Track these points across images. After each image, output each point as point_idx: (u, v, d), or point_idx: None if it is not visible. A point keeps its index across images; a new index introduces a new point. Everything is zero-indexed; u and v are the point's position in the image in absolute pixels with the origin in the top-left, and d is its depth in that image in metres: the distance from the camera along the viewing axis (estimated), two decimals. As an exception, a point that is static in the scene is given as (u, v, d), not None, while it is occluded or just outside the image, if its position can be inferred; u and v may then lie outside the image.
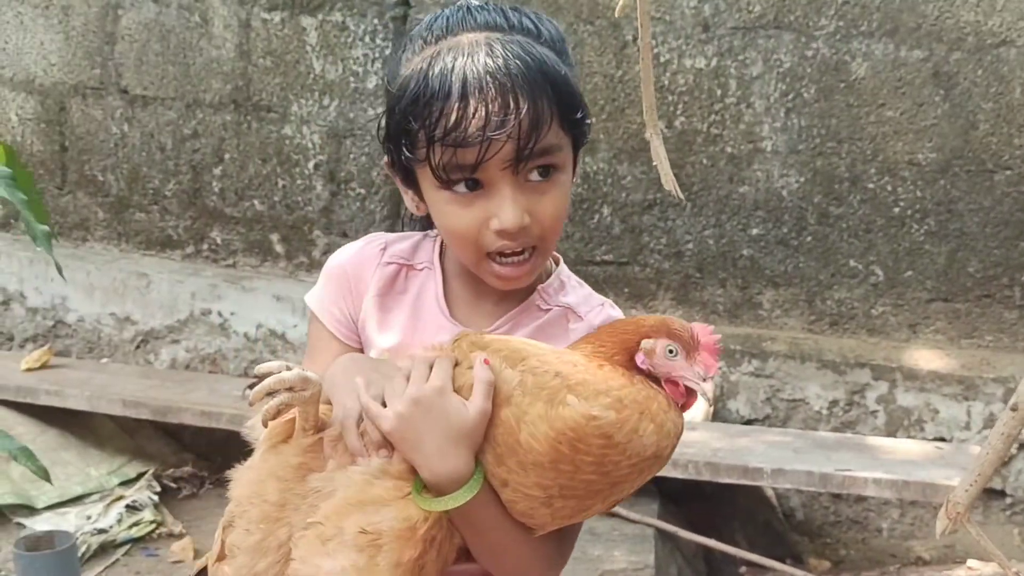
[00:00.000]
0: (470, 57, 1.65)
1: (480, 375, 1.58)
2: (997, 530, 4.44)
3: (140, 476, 4.77)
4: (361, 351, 1.86)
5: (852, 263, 4.73)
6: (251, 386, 1.68)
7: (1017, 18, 4.45)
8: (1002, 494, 4.53)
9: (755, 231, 4.76)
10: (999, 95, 4.50)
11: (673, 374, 1.60)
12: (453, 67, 1.65)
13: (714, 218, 4.78)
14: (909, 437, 4.50)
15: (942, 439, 4.49)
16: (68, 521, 4.45)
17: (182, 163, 5.29)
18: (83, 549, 4.29)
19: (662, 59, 4.73)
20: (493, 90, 1.63)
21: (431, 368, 1.61)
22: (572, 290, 1.88)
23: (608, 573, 3.87)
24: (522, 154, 1.65)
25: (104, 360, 5.22)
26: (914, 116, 4.58)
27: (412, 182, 1.78)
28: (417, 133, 1.68)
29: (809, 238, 4.73)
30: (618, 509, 3.79)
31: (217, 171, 5.26)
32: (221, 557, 1.70)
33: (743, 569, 4.20)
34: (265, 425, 1.63)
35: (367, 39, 4.98)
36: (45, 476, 2.80)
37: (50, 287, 5.26)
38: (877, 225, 4.68)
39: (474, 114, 1.63)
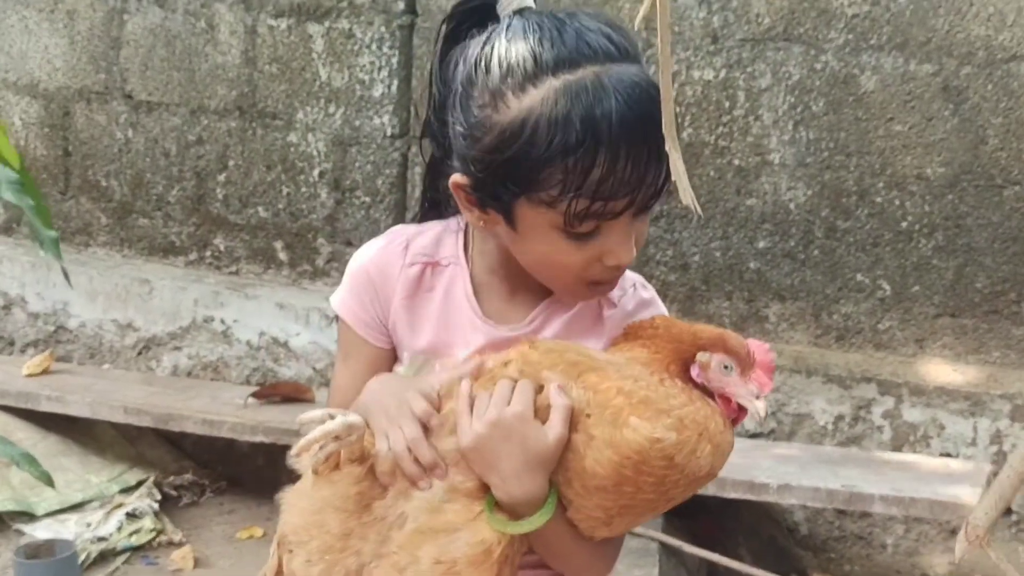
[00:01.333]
0: (609, 99, 1.59)
1: (558, 402, 1.59)
2: (1003, 547, 4.41)
3: (140, 484, 4.75)
4: (394, 352, 1.87)
5: (859, 277, 4.69)
6: (297, 431, 1.68)
7: (1028, 33, 4.43)
8: (1008, 511, 4.50)
9: (762, 244, 4.73)
10: (1009, 110, 4.48)
11: (727, 390, 1.62)
12: (596, 113, 1.59)
13: (721, 230, 4.75)
14: (915, 453, 4.45)
15: (948, 455, 4.45)
16: (68, 528, 4.44)
17: (186, 169, 5.27)
18: (83, 557, 4.27)
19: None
20: (638, 138, 1.60)
21: (512, 390, 1.62)
22: None
23: None
24: (657, 199, 1.67)
25: (106, 366, 5.20)
26: (923, 130, 4.55)
27: (494, 205, 1.71)
28: (550, 178, 1.62)
29: (816, 251, 4.70)
30: None
31: (221, 178, 5.24)
32: (279, 573, 1.73)
33: None
34: (316, 472, 1.65)
35: (374, 47, 4.96)
36: (48, 481, 2.78)
37: (52, 292, 5.23)
38: (884, 239, 4.64)
39: (625, 165, 1.60)
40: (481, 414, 1.61)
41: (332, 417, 1.63)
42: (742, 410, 1.62)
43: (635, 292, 1.85)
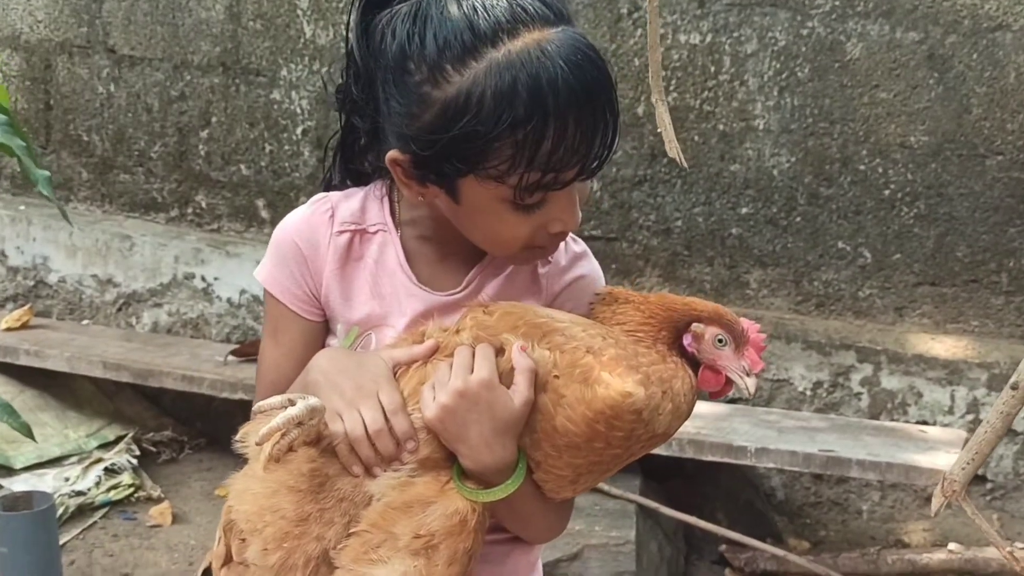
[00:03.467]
0: (555, 68, 1.52)
1: (522, 364, 1.55)
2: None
3: (119, 439, 4.74)
4: (326, 325, 1.81)
5: (840, 244, 4.71)
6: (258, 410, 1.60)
7: (1014, 2, 4.42)
8: (983, 479, 4.54)
9: (744, 210, 4.74)
10: (993, 79, 4.48)
11: (718, 362, 1.61)
12: (543, 84, 1.52)
13: (704, 196, 4.75)
14: (892, 420, 4.48)
15: (925, 423, 4.47)
16: (46, 482, 4.43)
17: (168, 125, 5.24)
18: (60, 511, 4.26)
19: (656, 34, 4.68)
20: (585, 105, 1.55)
21: (473, 356, 1.57)
22: None
23: (589, 548, 3.87)
24: (602, 164, 1.62)
25: (85, 322, 5.18)
26: (907, 98, 4.56)
27: (436, 181, 1.64)
28: (499, 153, 1.55)
29: (798, 218, 4.71)
30: (600, 484, 3.77)
31: (204, 134, 5.21)
32: (227, 560, 1.64)
33: (723, 547, 4.17)
34: (276, 460, 1.55)
35: (359, 4, 4.91)
36: (28, 433, 2.69)
37: (32, 246, 5.21)
38: (867, 207, 4.65)
39: (575, 134, 1.54)
40: (444, 384, 1.55)
41: (292, 403, 1.55)
42: (728, 384, 1.62)
43: (567, 247, 1.79)
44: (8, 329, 4.86)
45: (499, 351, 1.59)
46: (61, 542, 4.11)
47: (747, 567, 4.14)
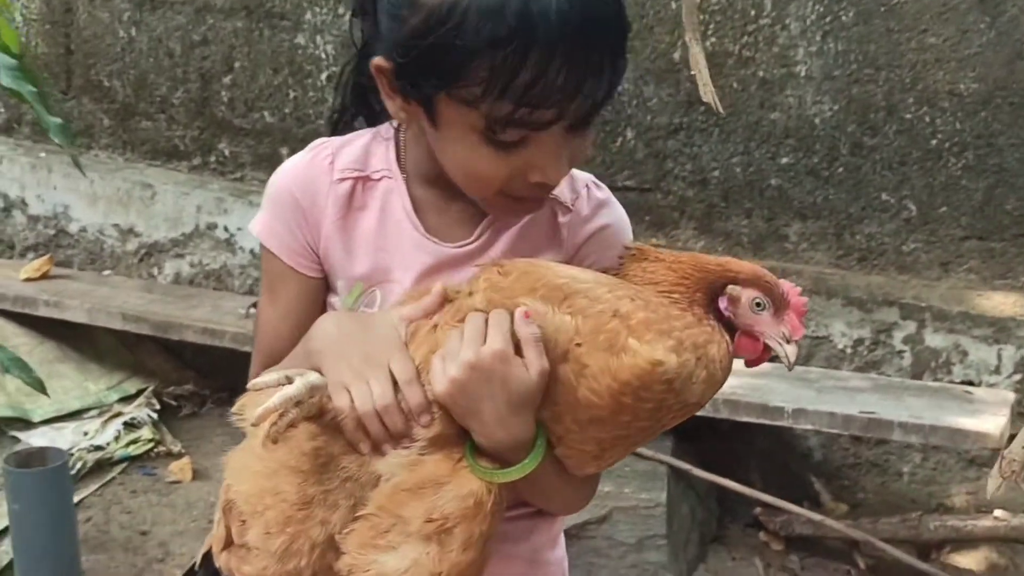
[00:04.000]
0: None
1: (526, 334, 1.41)
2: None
3: (140, 393, 4.67)
4: (326, 282, 1.68)
5: (884, 197, 4.54)
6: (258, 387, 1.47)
7: (1072, -58, 4.21)
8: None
9: (784, 160, 4.58)
10: (1048, 24, 4.28)
11: (756, 328, 1.48)
12: (533, 7, 1.37)
13: (742, 145, 4.60)
14: (936, 380, 4.33)
15: (970, 383, 4.31)
16: (64, 436, 4.36)
17: (191, 71, 5.11)
18: (79, 466, 4.19)
19: (694, -25, 4.50)
20: (578, 42, 1.39)
21: (487, 324, 1.43)
22: None
23: (618, 510, 3.77)
24: (594, 115, 1.47)
25: (106, 272, 5.10)
26: (957, 44, 4.37)
27: (416, 96, 1.51)
28: (473, 73, 1.41)
29: (840, 169, 4.54)
30: None
31: (227, 80, 5.08)
32: (228, 543, 1.54)
33: (758, 510, 4.06)
34: (275, 442, 1.44)
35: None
36: (40, 388, 2.65)
37: (52, 195, 5.12)
38: (912, 158, 4.48)
39: (559, 70, 1.39)
40: (454, 355, 1.42)
41: (290, 380, 1.43)
42: (767, 351, 1.49)
43: (589, 193, 1.67)
44: (28, 279, 4.79)
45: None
46: (78, 498, 4.05)
47: (782, 531, 4.04)
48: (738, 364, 1.50)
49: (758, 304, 1.46)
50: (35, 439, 4.30)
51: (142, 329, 4.54)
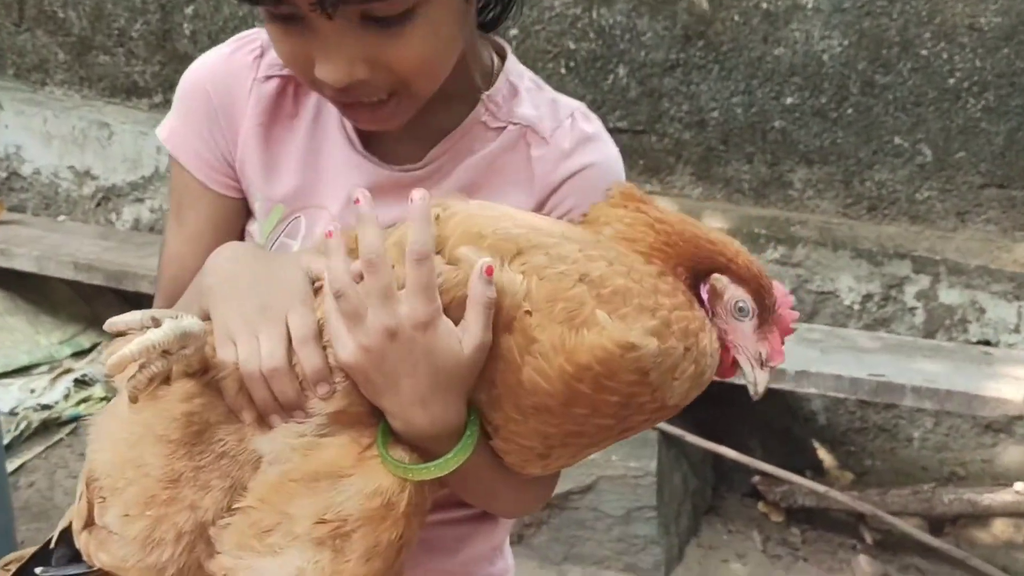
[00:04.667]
0: None
1: (478, 295, 1.14)
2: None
3: (94, 347, 4.40)
4: (245, 204, 1.43)
5: (897, 140, 4.32)
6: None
7: None
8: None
9: (789, 100, 4.36)
10: (1079, -49, 4.02)
11: (730, 336, 1.23)
12: None
13: (744, 83, 4.37)
14: (950, 339, 4.14)
15: (987, 342, 4.12)
16: (10, 394, 4.14)
17: (150, 1, 4.82)
18: (23, 426, 3.94)
19: (693, -103, 4.23)
20: None
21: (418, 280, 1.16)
22: (528, 96, 1.43)
23: (605, 479, 3.59)
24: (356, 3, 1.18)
25: (61, 218, 4.84)
26: (978, -27, 4.15)
27: None
28: None
29: (850, 110, 4.32)
30: None
31: (189, 11, 4.80)
32: (90, 522, 1.29)
33: (756, 479, 3.87)
34: (134, 401, 1.18)
35: None
36: None
37: (4, 134, 4.86)
38: (928, 98, 4.27)
39: None
40: (364, 318, 1.15)
41: (157, 322, 1.16)
42: (734, 367, 1.25)
43: (573, 124, 1.42)
44: None
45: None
46: (20, 462, 3.81)
47: (783, 502, 3.84)
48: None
49: (740, 309, 1.21)
50: None
51: (95, 279, 4.24)
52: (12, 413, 3.99)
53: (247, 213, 1.45)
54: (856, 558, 3.64)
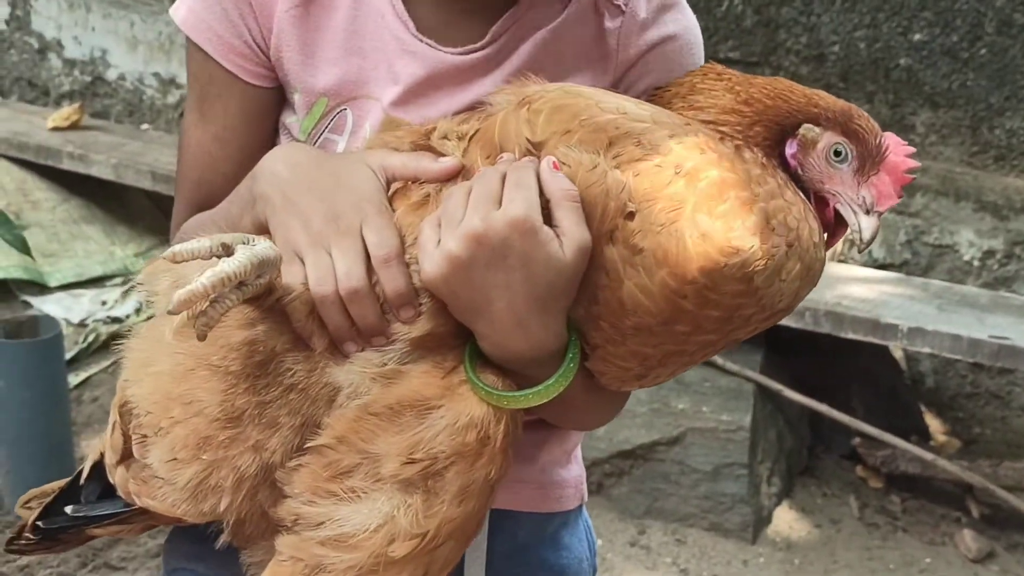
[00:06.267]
0: None
1: (557, 192, 1.05)
2: None
3: (171, 261, 4.26)
4: (281, 94, 1.29)
5: (1033, 85, 4.09)
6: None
7: None
8: None
9: (917, 36, 4.15)
10: None
11: (827, 186, 1.12)
12: None
13: (869, 16, 4.16)
14: (1079, 301, 3.92)
15: (1121, 306, 3.88)
16: (81, 304, 4.06)
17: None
18: (91, 338, 3.85)
19: None
20: None
21: (503, 180, 1.07)
22: None
23: (694, 431, 3.44)
24: None
25: (145, 126, 4.75)
26: None
27: None
28: None
29: (983, 50, 4.10)
30: (714, 357, 3.20)
31: (284, -85, 4.57)
32: (126, 455, 1.18)
33: (856, 441, 3.69)
34: (202, 339, 1.04)
35: None
36: (23, 248, 2.48)
37: (90, 37, 4.77)
38: (1071, 40, 4.03)
39: None
40: (454, 223, 1.05)
41: (228, 251, 1.03)
42: (838, 224, 1.14)
43: None
44: (55, 128, 4.43)
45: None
46: (85, 375, 3.73)
47: (884, 467, 3.67)
48: (841, 268, 1.10)
49: (837, 153, 1.11)
50: (48, 306, 3.96)
51: (171, 190, 4.08)
52: (81, 324, 3.90)
53: (281, 103, 1.31)
54: (960, 532, 3.45)
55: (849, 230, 1.13)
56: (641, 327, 1.06)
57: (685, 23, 1.30)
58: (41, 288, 4.03)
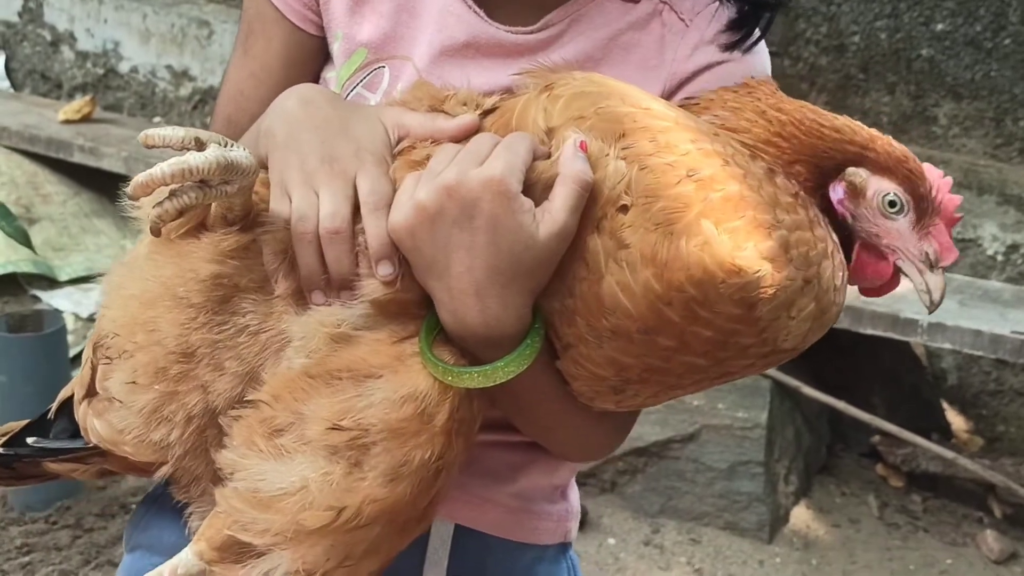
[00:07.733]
0: None
1: (572, 171, 1.01)
2: None
3: (182, 256, 4.24)
4: (323, 44, 1.31)
5: (1059, 77, 4.07)
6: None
7: None
8: None
9: (940, 26, 4.14)
10: None
11: (886, 242, 1.07)
12: None
13: (890, 6, 4.15)
14: (1107, 297, 3.89)
15: None
16: (90, 299, 4.03)
17: None
18: None
19: None
20: None
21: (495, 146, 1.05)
22: None
23: (709, 429, 3.42)
24: None
25: (156, 119, 4.77)
26: None
27: None
28: None
29: (1007, 40, 4.09)
30: None
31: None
32: (91, 392, 1.17)
33: (876, 439, 3.68)
34: (156, 234, 1.06)
35: None
36: (24, 240, 2.40)
37: (103, 29, 4.78)
38: (1097, 30, 4.01)
39: None
40: (433, 177, 1.02)
41: (201, 145, 1.01)
42: (895, 278, 1.09)
43: (720, 10, 1.27)
44: (66, 121, 4.43)
45: (547, 155, 1.06)
46: None
47: (904, 466, 3.64)
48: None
49: (892, 204, 1.06)
50: (57, 300, 3.94)
51: (183, 183, 4.09)
52: (91, 319, 3.86)
53: (324, 58, 1.33)
54: (982, 533, 3.42)
55: (913, 287, 1.08)
56: (619, 331, 1.02)
57: (754, 48, 1.29)
58: (51, 282, 4.01)
